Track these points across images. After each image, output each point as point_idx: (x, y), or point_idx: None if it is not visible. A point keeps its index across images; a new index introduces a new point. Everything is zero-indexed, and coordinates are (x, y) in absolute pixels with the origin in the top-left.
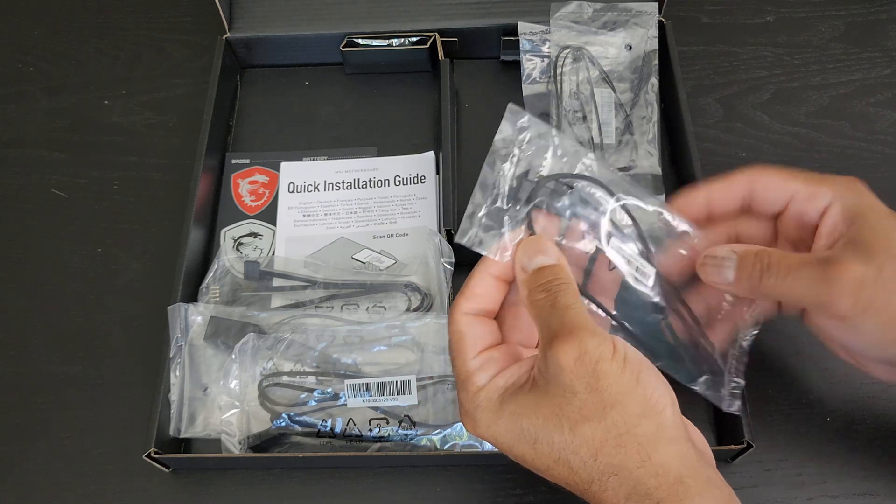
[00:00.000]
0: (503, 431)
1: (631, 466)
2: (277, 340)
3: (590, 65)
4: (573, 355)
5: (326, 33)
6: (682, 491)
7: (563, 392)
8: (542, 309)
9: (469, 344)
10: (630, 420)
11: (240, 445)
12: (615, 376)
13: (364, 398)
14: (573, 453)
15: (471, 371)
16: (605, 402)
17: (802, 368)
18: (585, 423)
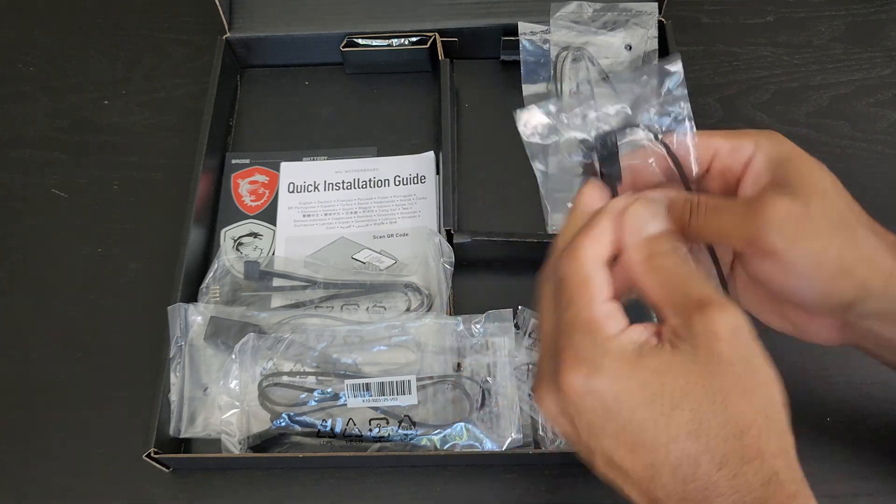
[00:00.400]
0: (636, 386)
1: (772, 452)
2: (277, 340)
3: (590, 65)
4: (730, 325)
5: (326, 33)
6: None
7: (717, 361)
8: (674, 275)
9: (598, 289)
10: (776, 406)
11: (240, 445)
12: (764, 358)
13: (364, 398)
14: (718, 427)
15: (600, 316)
16: (759, 381)
17: (803, 368)
18: (740, 398)
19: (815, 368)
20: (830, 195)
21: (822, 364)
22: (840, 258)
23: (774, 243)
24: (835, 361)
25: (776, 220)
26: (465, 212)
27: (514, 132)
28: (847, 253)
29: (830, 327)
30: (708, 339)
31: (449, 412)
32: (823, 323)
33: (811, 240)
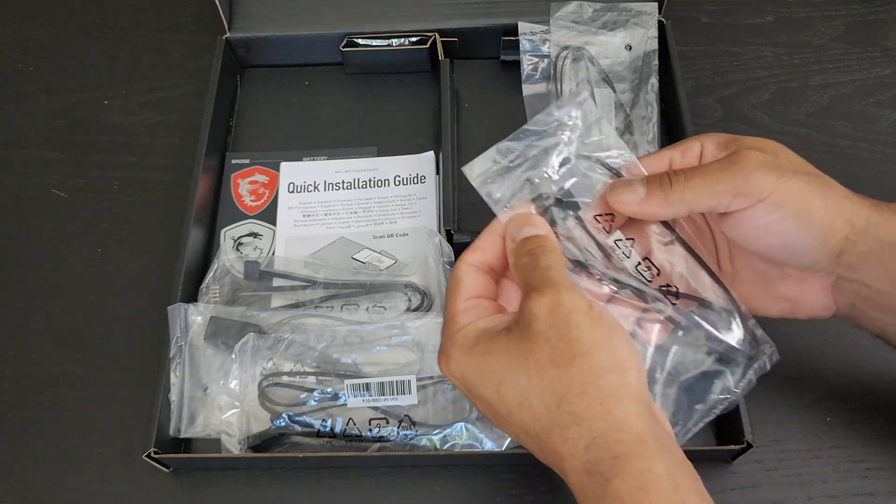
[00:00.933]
0: (470, 368)
1: (592, 417)
2: (277, 340)
3: (590, 65)
4: (547, 305)
5: (326, 33)
6: (641, 450)
7: (534, 338)
8: (525, 270)
9: (463, 289)
10: (596, 371)
11: (240, 445)
12: (587, 328)
13: (364, 398)
14: (538, 397)
15: (457, 311)
16: (574, 351)
17: (802, 368)
18: (553, 369)
19: (816, 368)
20: (789, 153)
21: (822, 364)
22: (823, 194)
23: (762, 187)
24: (835, 362)
25: (756, 165)
26: (465, 212)
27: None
28: (827, 191)
29: (823, 291)
30: (528, 319)
31: (449, 412)
32: (816, 287)
33: (792, 179)
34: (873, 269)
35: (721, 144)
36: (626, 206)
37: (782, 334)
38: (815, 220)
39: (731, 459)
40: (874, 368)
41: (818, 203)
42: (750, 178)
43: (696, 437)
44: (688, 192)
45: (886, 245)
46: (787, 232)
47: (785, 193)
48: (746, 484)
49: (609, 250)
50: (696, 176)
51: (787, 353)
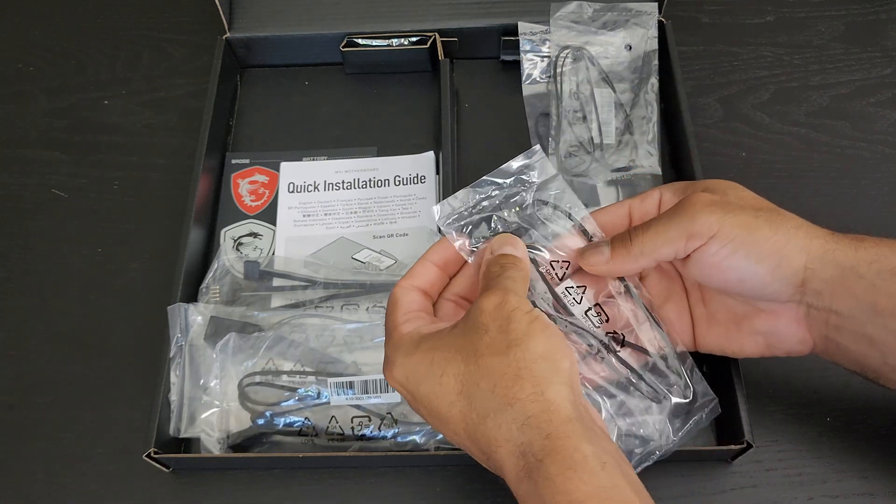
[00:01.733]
0: (414, 368)
1: (525, 398)
2: (258, 339)
3: (590, 65)
4: (494, 302)
5: (326, 33)
6: (570, 430)
7: (476, 330)
8: (489, 276)
9: (401, 305)
10: (529, 358)
11: (219, 445)
12: (524, 323)
13: (347, 396)
14: (475, 384)
15: (398, 323)
16: (511, 341)
17: (802, 368)
18: (491, 356)
19: (816, 368)
20: (741, 191)
21: (822, 364)
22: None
23: (709, 225)
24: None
25: (702, 205)
26: None
27: (514, 132)
28: (777, 224)
29: (797, 323)
30: (474, 314)
31: None
32: (789, 320)
33: (738, 214)
34: (840, 295)
35: (678, 191)
36: (597, 267)
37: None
38: (765, 251)
39: (731, 459)
40: None
41: (766, 234)
42: (697, 219)
43: (696, 438)
44: (646, 244)
45: (848, 270)
46: (738, 266)
47: (731, 228)
48: (746, 484)
49: (560, 295)
50: (651, 228)
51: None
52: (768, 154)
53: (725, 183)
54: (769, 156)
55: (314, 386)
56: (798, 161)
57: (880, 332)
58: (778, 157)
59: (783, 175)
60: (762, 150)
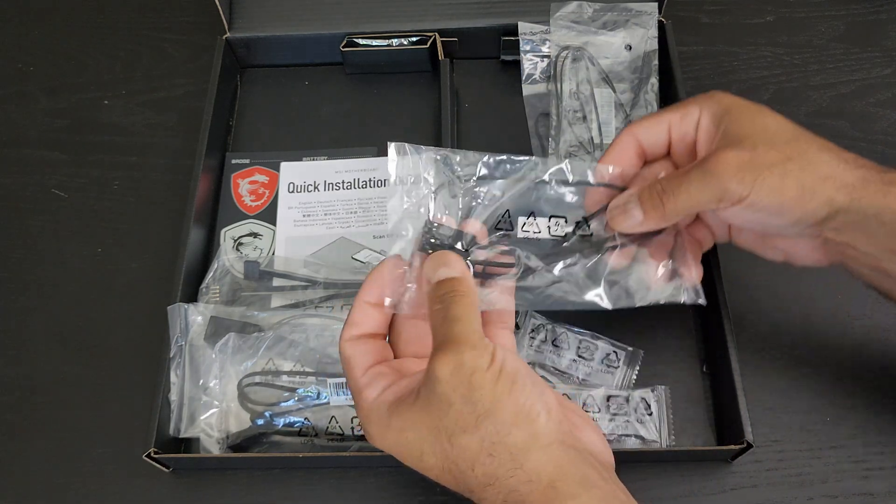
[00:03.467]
0: (392, 444)
1: (503, 475)
2: (258, 339)
3: (590, 65)
4: (449, 367)
5: (326, 33)
6: (552, 495)
7: (439, 403)
8: (435, 320)
9: (356, 364)
10: (502, 429)
11: (218, 445)
12: (489, 387)
13: (347, 396)
14: (454, 464)
15: (361, 387)
16: (479, 413)
17: (802, 368)
18: (462, 434)
19: (815, 368)
20: (773, 130)
21: (822, 364)
22: (800, 182)
23: (738, 193)
24: (835, 362)
25: (730, 171)
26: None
27: (514, 132)
28: (805, 176)
29: (813, 248)
30: (432, 383)
31: None
32: (806, 246)
33: (768, 177)
34: (858, 236)
35: (715, 118)
36: (630, 228)
37: (784, 335)
38: (788, 208)
39: (731, 459)
40: (874, 369)
41: (793, 194)
42: (727, 186)
43: (696, 438)
44: (679, 207)
45: (870, 217)
46: (762, 220)
47: (759, 193)
48: (746, 484)
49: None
50: (682, 191)
51: (788, 354)
52: None
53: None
54: None
55: (314, 386)
56: None
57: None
58: None
59: None
60: None
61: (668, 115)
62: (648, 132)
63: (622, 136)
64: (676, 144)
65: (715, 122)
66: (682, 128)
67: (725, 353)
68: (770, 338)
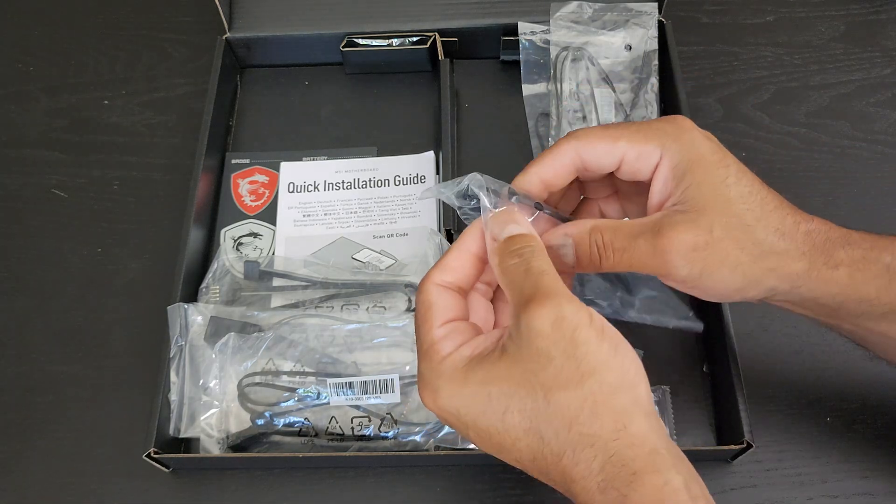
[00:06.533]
0: (468, 401)
1: (606, 436)
2: (258, 339)
3: (590, 65)
4: (550, 319)
5: (326, 33)
6: (658, 461)
7: (537, 357)
8: (515, 274)
9: (437, 313)
10: (607, 390)
11: (219, 445)
12: (594, 345)
13: (347, 396)
14: (546, 422)
15: (436, 339)
16: (583, 371)
17: (802, 368)
18: (561, 391)
19: (815, 368)
20: (735, 206)
21: (822, 363)
22: (747, 274)
23: (683, 277)
24: (835, 361)
25: (681, 255)
26: None
27: (514, 132)
28: (755, 269)
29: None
30: (529, 336)
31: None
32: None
33: (717, 270)
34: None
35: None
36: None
37: (783, 335)
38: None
39: (731, 459)
40: (874, 368)
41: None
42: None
43: (696, 437)
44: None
45: (809, 299)
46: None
47: (704, 283)
48: (746, 484)
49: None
50: (624, 257)
51: (788, 354)
52: (768, 154)
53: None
54: (769, 156)
55: (314, 386)
56: (798, 161)
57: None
58: (778, 157)
59: (783, 175)
60: (762, 150)
61: (623, 147)
62: (596, 154)
63: (563, 147)
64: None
65: (675, 177)
66: (636, 166)
67: (725, 354)
68: (770, 338)
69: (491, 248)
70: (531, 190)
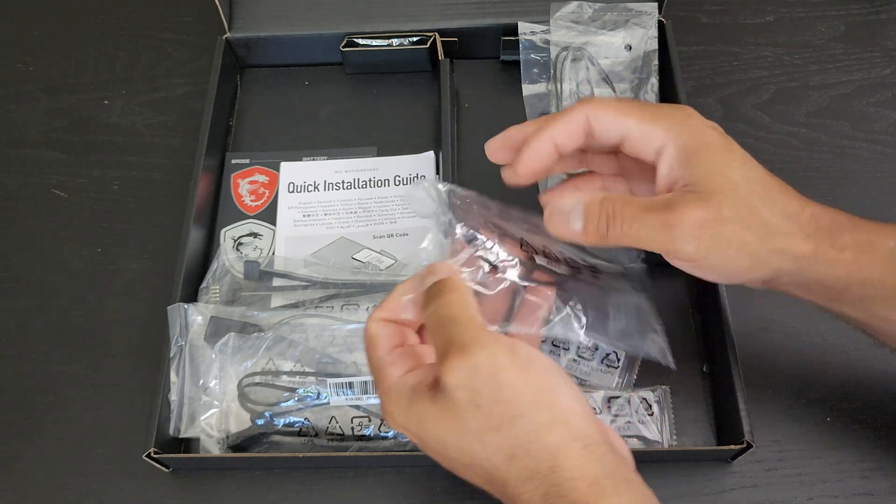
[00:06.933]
0: (413, 431)
1: (544, 471)
2: (258, 339)
3: (590, 65)
4: (465, 371)
5: (326, 33)
6: (597, 491)
7: (464, 409)
8: (431, 328)
9: (381, 342)
10: (539, 429)
11: (219, 445)
12: (519, 385)
13: (347, 396)
14: (486, 460)
15: (384, 365)
16: (512, 413)
17: (802, 368)
18: (494, 433)
19: (816, 368)
20: (742, 188)
21: (822, 363)
22: (753, 254)
23: (690, 255)
24: (835, 360)
25: (690, 232)
26: None
27: None
28: (761, 249)
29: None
30: (450, 392)
31: None
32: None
33: (725, 248)
34: (799, 290)
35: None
36: (563, 236)
37: (784, 335)
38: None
39: (731, 459)
40: (874, 368)
41: (744, 265)
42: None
43: (696, 437)
44: (622, 240)
45: (814, 281)
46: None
47: (711, 262)
48: (746, 484)
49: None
50: (632, 228)
51: (788, 354)
52: (768, 154)
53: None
54: (769, 156)
55: (314, 386)
56: (798, 161)
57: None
58: (778, 157)
59: (783, 175)
60: (762, 150)
61: (629, 123)
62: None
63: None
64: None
65: (681, 161)
66: (639, 144)
67: (725, 353)
68: (770, 338)
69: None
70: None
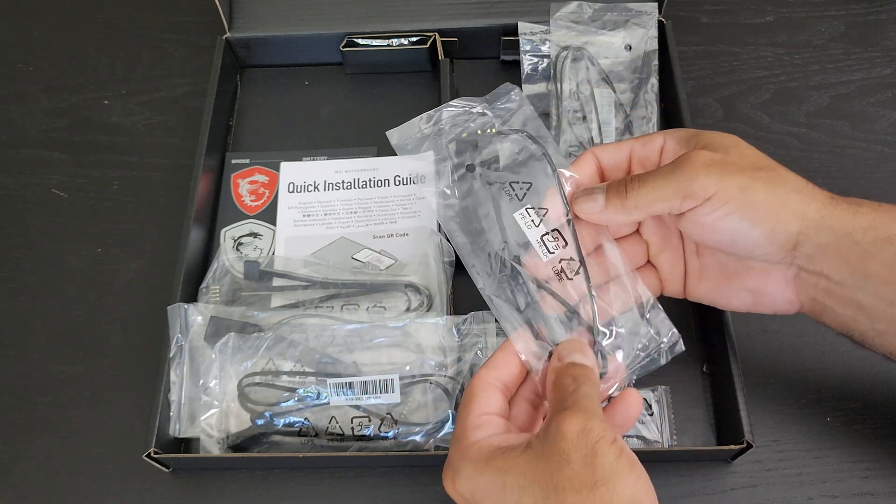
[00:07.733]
0: (484, 486)
1: None
2: (258, 339)
3: (590, 65)
4: (577, 426)
5: (326, 33)
6: None
7: (557, 457)
8: (563, 391)
9: (477, 404)
10: (616, 501)
11: (219, 445)
12: (611, 458)
13: (347, 396)
14: None
15: (469, 427)
16: (597, 478)
17: (802, 368)
18: (574, 494)
19: (815, 368)
20: (743, 148)
21: (822, 363)
22: (770, 188)
23: (704, 188)
24: (835, 362)
25: (701, 166)
26: None
27: None
28: (775, 185)
29: (785, 283)
30: (555, 438)
31: (431, 411)
32: (778, 279)
33: (737, 176)
34: (832, 261)
35: (682, 140)
36: (589, 215)
37: (784, 335)
38: (759, 216)
39: (731, 459)
40: (874, 368)
41: (762, 198)
42: (694, 180)
43: (696, 437)
44: (641, 199)
45: (842, 236)
46: (731, 227)
47: (727, 191)
48: (746, 484)
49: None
50: (647, 182)
51: (788, 354)
52: (768, 154)
53: (729, 138)
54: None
55: (314, 386)
56: (798, 161)
57: (870, 299)
58: (778, 157)
59: None
60: (762, 150)
61: (630, 142)
62: (608, 153)
63: (583, 155)
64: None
65: (682, 144)
66: (643, 152)
67: (725, 353)
68: (770, 338)
69: (553, 365)
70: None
